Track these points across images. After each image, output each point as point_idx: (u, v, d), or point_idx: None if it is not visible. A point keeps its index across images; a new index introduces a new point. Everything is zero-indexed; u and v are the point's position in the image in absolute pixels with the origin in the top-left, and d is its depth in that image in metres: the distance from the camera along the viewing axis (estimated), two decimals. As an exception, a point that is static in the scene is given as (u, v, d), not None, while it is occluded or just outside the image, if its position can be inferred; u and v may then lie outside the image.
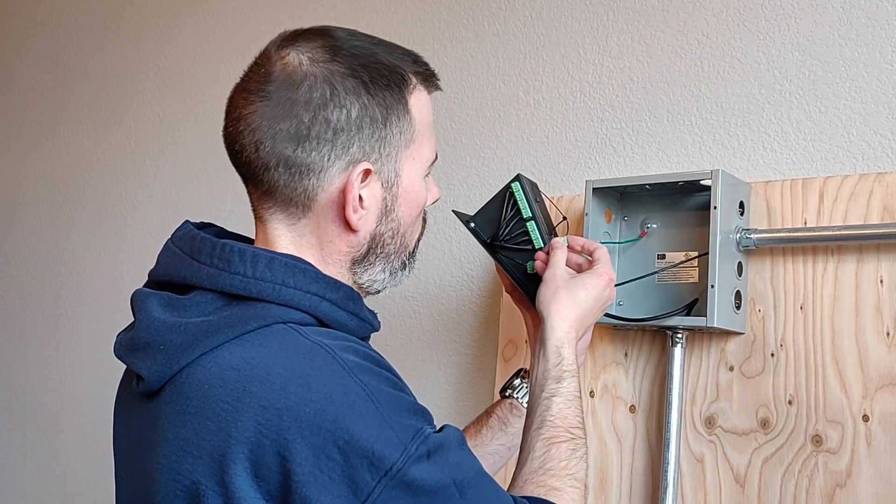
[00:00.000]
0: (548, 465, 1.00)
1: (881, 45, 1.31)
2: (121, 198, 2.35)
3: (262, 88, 0.93)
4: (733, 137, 1.41)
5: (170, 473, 0.86)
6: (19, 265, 2.59)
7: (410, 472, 0.81)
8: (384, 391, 0.85)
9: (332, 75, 0.92)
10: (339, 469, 0.80)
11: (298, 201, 0.94)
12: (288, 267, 0.91)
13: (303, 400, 0.81)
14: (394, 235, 0.99)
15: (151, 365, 0.88)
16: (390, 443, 0.82)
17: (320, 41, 0.95)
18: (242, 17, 2.14)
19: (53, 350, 2.46)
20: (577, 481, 1.00)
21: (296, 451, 0.80)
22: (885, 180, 1.25)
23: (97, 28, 2.46)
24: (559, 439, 1.02)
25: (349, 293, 0.94)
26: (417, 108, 0.98)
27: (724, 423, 1.32)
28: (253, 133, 0.92)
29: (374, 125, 0.93)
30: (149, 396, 0.90)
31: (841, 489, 1.22)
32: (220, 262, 0.91)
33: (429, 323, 1.74)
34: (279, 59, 0.94)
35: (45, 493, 2.43)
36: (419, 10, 1.82)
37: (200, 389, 0.85)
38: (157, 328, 0.89)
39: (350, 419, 0.81)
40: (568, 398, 1.06)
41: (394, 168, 0.96)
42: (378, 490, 0.80)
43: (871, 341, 1.23)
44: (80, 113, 2.48)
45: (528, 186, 1.24)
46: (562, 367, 1.08)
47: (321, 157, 0.92)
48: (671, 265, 1.35)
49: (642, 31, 1.52)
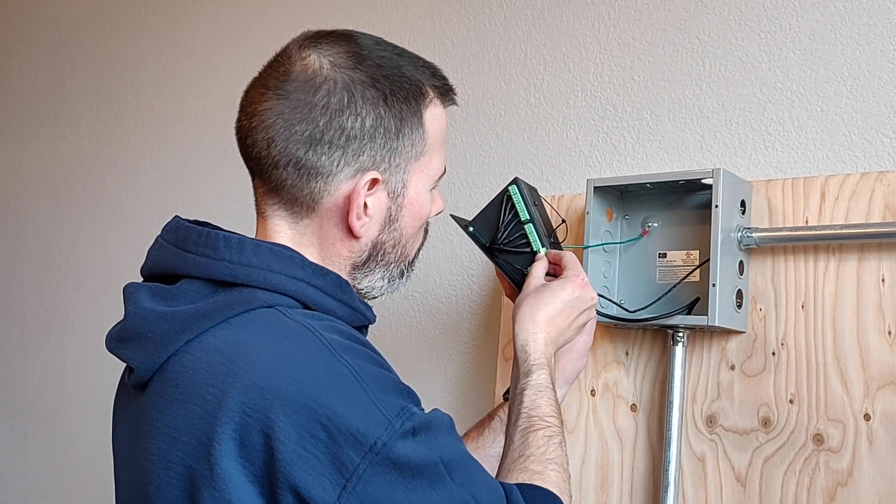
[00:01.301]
0: (527, 453, 1.02)
1: (883, 44, 1.30)
2: (121, 196, 2.35)
3: (279, 86, 0.93)
4: (735, 136, 1.41)
5: (161, 462, 0.86)
6: (20, 263, 2.59)
7: (396, 448, 0.81)
8: (369, 369, 0.86)
9: (352, 83, 0.92)
10: (323, 447, 0.80)
11: (303, 201, 0.94)
12: (274, 253, 0.92)
13: (287, 379, 0.82)
14: (395, 245, 1.00)
15: (141, 355, 0.89)
16: (375, 419, 0.81)
17: (344, 46, 0.95)
18: (242, 15, 2.14)
19: (53, 348, 2.45)
20: (558, 465, 1.02)
21: (279, 429, 0.80)
22: (886, 179, 1.24)
23: (97, 26, 2.46)
24: (534, 427, 1.04)
25: (336, 280, 0.95)
26: (431, 122, 0.99)
27: (725, 422, 1.32)
28: (266, 130, 0.93)
29: (387, 136, 0.94)
30: (140, 388, 0.90)
31: (842, 488, 1.22)
32: (207, 250, 0.92)
33: (429, 322, 1.74)
34: (300, 60, 0.94)
35: (47, 491, 2.43)
36: (420, 8, 1.81)
37: (187, 375, 0.86)
38: (146, 317, 0.90)
39: (334, 397, 0.81)
40: (538, 389, 1.07)
41: (401, 179, 0.97)
42: (363, 467, 0.80)
43: (872, 340, 1.22)
44: (80, 111, 2.48)
45: (525, 189, 1.24)
46: (529, 362, 1.10)
47: (331, 161, 0.92)
48: (684, 276, 1.35)
49: (643, 29, 1.52)
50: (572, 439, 1.44)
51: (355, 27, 2.02)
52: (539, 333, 1.12)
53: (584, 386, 1.44)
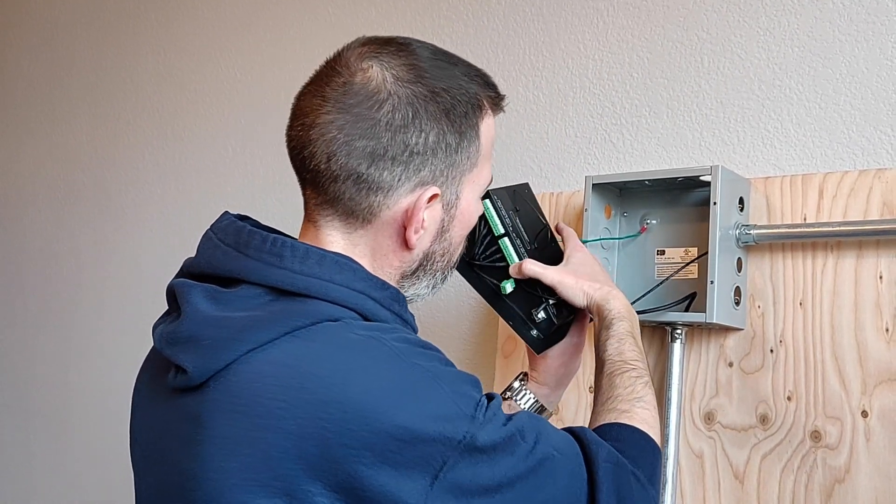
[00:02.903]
0: (615, 394, 1.05)
1: (881, 41, 1.31)
2: (120, 192, 2.35)
3: (340, 99, 0.92)
4: (733, 133, 1.41)
5: (216, 471, 0.85)
6: (20, 260, 2.58)
7: (480, 437, 0.84)
8: (441, 369, 0.88)
9: (415, 98, 0.92)
10: (406, 452, 0.82)
11: (360, 214, 0.94)
12: (337, 264, 0.91)
13: (364, 391, 0.83)
14: (444, 254, 1.01)
15: (195, 359, 0.87)
16: (459, 415, 0.85)
17: (404, 58, 0.94)
18: (241, 11, 2.14)
19: (55, 345, 2.45)
20: (646, 403, 1.05)
21: (362, 440, 0.81)
22: (884, 176, 1.25)
23: (95, 22, 2.46)
24: (619, 371, 1.07)
25: (395, 294, 0.95)
26: (485, 133, 0.99)
27: (723, 419, 1.32)
28: (327, 144, 0.92)
29: (448, 151, 0.94)
30: (186, 390, 0.88)
31: (840, 485, 1.22)
32: (271, 257, 0.90)
33: (428, 319, 1.74)
34: (361, 72, 0.93)
35: (51, 490, 2.43)
36: (418, 4, 1.81)
37: (250, 387, 0.85)
38: (202, 321, 0.88)
39: (413, 402, 0.83)
40: (619, 337, 1.10)
41: (455, 191, 0.97)
42: (452, 460, 0.83)
43: (870, 337, 1.23)
44: (78, 108, 2.47)
45: (501, 200, 1.22)
46: (611, 315, 1.12)
47: (393, 177, 0.92)
48: (678, 267, 1.35)
49: (642, 26, 1.52)
50: (571, 436, 1.44)
51: (354, 23, 2.03)
52: (614, 290, 1.15)
53: (583, 383, 1.44)
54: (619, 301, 1.14)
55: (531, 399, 1.22)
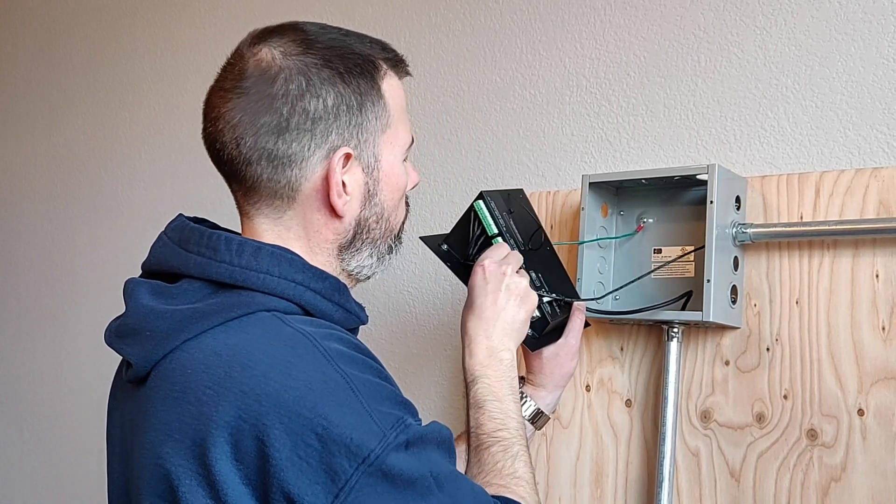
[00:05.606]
0: (484, 470, 1.03)
1: (878, 41, 1.31)
2: (116, 190, 2.35)
3: (238, 86, 0.94)
4: (730, 132, 1.42)
5: (151, 457, 0.87)
6: (15, 257, 2.58)
7: (388, 460, 0.82)
8: (365, 379, 0.86)
9: (306, 67, 0.93)
10: (316, 455, 0.81)
11: (283, 193, 0.95)
12: (274, 256, 0.92)
13: (283, 386, 0.82)
14: (378, 220, 1.01)
15: (139, 351, 0.90)
16: (369, 430, 0.82)
17: (291, 35, 0.96)
18: (238, 8, 2.13)
19: (49, 342, 2.45)
20: (519, 479, 1.01)
21: (274, 436, 0.81)
22: (881, 175, 1.25)
23: (93, 19, 2.46)
24: (483, 446, 1.04)
25: (335, 284, 0.96)
26: (390, 94, 0.99)
27: (719, 418, 1.32)
28: (233, 129, 0.93)
29: (350, 112, 0.95)
30: (137, 383, 0.92)
31: (836, 483, 1.22)
32: (208, 251, 0.92)
33: (424, 316, 1.74)
34: (252, 56, 0.95)
35: (43, 486, 2.43)
36: (416, 3, 1.81)
37: (184, 374, 0.87)
38: (145, 315, 0.91)
39: (329, 407, 0.82)
40: (477, 406, 1.07)
41: (373, 153, 0.98)
42: (355, 477, 0.81)
43: (866, 336, 1.23)
44: (76, 105, 2.47)
45: (494, 201, 1.22)
46: (467, 379, 1.10)
47: (302, 147, 0.93)
48: (668, 261, 1.35)
49: (639, 25, 1.52)
50: (567, 434, 1.45)
51: (350, 21, 2.03)
52: (472, 344, 1.11)
53: (579, 381, 1.45)
54: (479, 350, 1.10)
55: (531, 406, 1.23)
